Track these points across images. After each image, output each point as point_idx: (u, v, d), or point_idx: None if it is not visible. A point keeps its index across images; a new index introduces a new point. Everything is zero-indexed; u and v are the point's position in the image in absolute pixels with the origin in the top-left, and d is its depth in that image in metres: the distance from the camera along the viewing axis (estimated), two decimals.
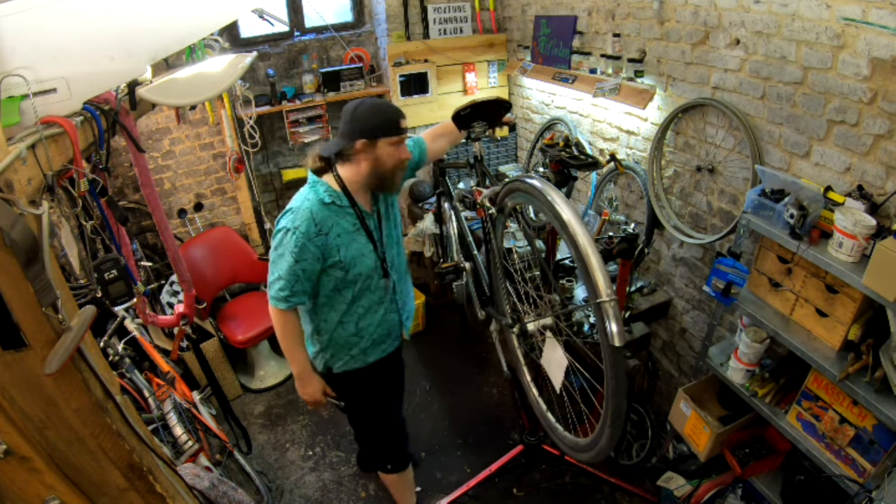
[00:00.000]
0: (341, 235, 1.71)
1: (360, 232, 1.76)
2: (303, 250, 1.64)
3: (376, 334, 1.92)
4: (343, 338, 1.88)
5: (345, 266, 1.73)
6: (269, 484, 2.78)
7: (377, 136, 1.64)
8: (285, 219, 1.67)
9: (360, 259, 1.76)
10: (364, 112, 1.64)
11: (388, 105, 1.72)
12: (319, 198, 1.68)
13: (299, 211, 1.66)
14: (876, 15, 1.52)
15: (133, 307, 2.45)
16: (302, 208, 1.66)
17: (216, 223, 3.82)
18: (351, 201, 1.73)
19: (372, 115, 1.64)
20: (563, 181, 2.07)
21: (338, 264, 1.72)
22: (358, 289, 1.80)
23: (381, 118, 1.65)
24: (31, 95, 1.06)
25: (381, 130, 1.65)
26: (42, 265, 0.87)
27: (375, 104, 1.68)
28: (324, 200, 1.68)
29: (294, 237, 1.63)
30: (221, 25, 1.63)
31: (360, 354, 1.93)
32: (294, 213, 1.66)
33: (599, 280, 1.21)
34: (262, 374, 3.57)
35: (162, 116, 3.39)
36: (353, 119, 1.65)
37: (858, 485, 1.62)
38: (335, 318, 1.83)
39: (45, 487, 1.01)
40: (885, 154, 1.60)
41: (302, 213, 1.65)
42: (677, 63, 2.30)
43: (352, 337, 1.88)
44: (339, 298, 1.80)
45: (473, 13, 3.57)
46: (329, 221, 1.69)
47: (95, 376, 1.02)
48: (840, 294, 1.64)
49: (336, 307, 1.82)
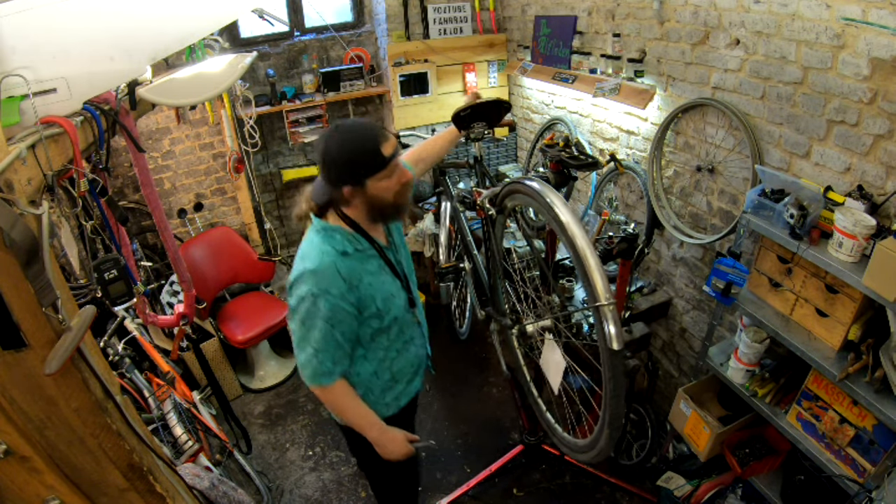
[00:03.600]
0: (372, 283, 1.49)
1: (385, 270, 1.55)
2: (337, 312, 1.41)
3: (408, 374, 1.72)
4: (378, 388, 1.66)
5: (381, 313, 1.52)
6: (269, 484, 2.78)
7: (362, 178, 1.38)
8: (306, 283, 1.40)
9: (392, 300, 1.55)
10: (337, 154, 1.36)
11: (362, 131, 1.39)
12: (340, 250, 1.44)
13: (323, 272, 1.39)
14: (876, 15, 1.52)
15: (133, 307, 2.46)
16: (324, 266, 1.40)
17: (216, 223, 3.82)
18: (369, 240, 1.51)
19: (348, 155, 1.36)
20: (563, 181, 2.07)
21: (375, 314, 1.51)
22: (393, 332, 1.61)
23: (358, 155, 1.36)
24: (31, 95, 1.06)
25: (363, 170, 1.37)
26: (42, 265, 0.87)
27: (346, 139, 1.36)
28: (346, 251, 1.45)
29: (325, 302, 1.38)
30: (221, 25, 1.63)
31: (394, 400, 1.72)
32: (317, 275, 1.39)
33: (598, 283, 1.21)
34: (262, 374, 3.57)
35: (162, 116, 3.39)
36: (329, 165, 1.38)
37: (858, 485, 1.62)
38: (370, 368, 1.62)
39: (45, 487, 1.01)
40: (885, 154, 1.60)
41: (327, 272, 1.39)
42: (677, 63, 2.30)
43: (387, 384, 1.67)
44: (375, 346, 1.59)
45: (473, 13, 3.57)
46: (356, 271, 1.45)
47: (95, 376, 1.02)
48: (840, 294, 1.64)
49: (371, 357, 1.60)
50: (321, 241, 1.44)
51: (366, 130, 1.39)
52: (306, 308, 1.40)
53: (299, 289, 1.41)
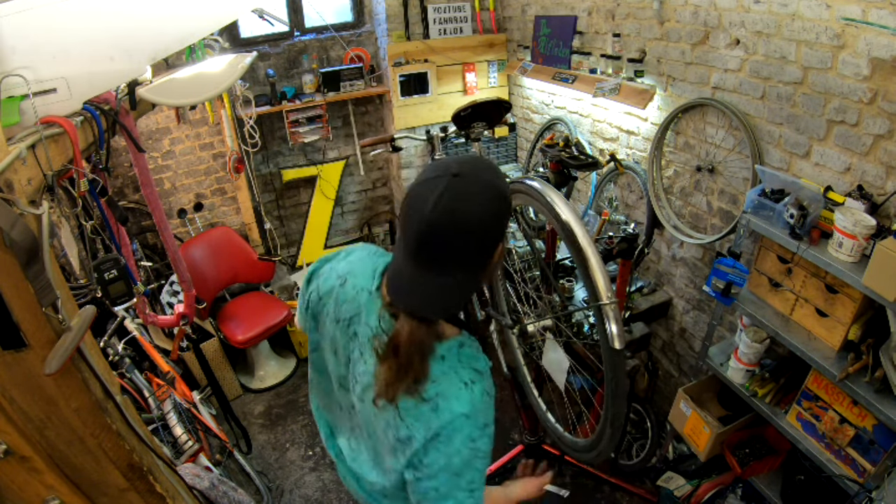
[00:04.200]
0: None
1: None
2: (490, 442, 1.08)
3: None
4: None
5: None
6: (269, 484, 2.78)
7: (506, 224, 0.96)
8: (461, 431, 0.98)
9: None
10: (489, 203, 0.87)
11: (484, 161, 0.94)
12: (485, 369, 1.08)
13: (479, 409, 1.01)
14: (876, 15, 1.52)
15: (133, 307, 2.45)
16: (484, 401, 1.03)
17: (216, 223, 3.82)
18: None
19: (500, 204, 0.89)
20: (562, 181, 2.07)
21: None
22: None
23: (506, 192, 0.91)
24: (31, 95, 1.06)
25: (510, 209, 0.95)
26: (42, 265, 0.87)
27: (482, 180, 0.87)
28: (489, 366, 1.11)
29: (486, 440, 1.06)
30: (221, 25, 1.62)
31: None
32: (473, 417, 0.99)
33: (600, 282, 1.21)
34: (262, 374, 3.57)
35: (162, 116, 3.39)
36: (476, 228, 0.86)
37: (858, 485, 1.62)
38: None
39: (45, 487, 1.01)
40: (885, 154, 1.60)
41: (481, 406, 1.03)
42: (677, 63, 2.30)
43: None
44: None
45: (473, 13, 3.57)
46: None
47: (95, 376, 1.02)
48: (840, 294, 1.64)
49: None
50: (473, 374, 1.00)
51: (483, 159, 0.96)
52: (465, 459, 1.01)
53: (451, 444, 0.98)
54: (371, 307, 1.00)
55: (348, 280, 1.06)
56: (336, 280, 1.08)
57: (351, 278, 1.06)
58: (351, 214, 4.30)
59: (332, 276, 1.10)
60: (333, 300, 1.07)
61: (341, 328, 1.05)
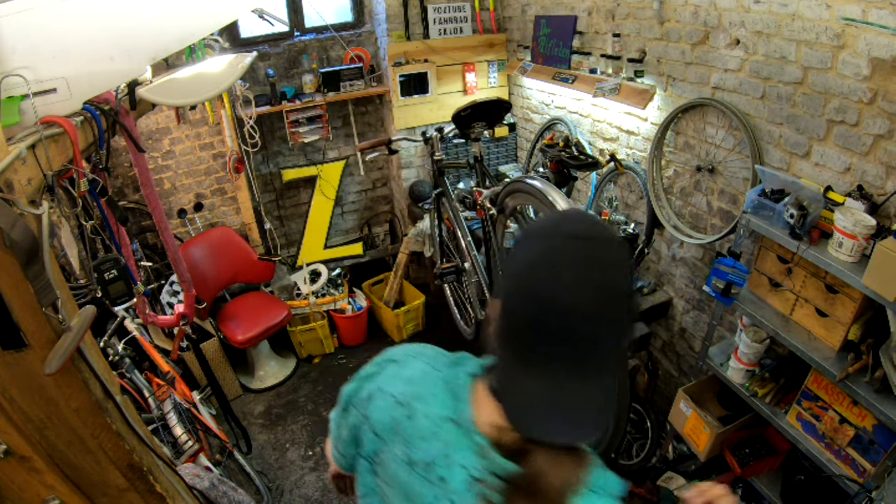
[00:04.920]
0: None
1: None
2: None
3: None
4: None
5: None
6: (269, 484, 2.78)
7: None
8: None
9: None
10: (621, 245, 0.72)
11: (575, 209, 0.88)
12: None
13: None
14: (876, 15, 1.52)
15: (133, 307, 2.45)
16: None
17: (216, 223, 3.82)
18: None
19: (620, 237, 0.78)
20: (563, 181, 2.07)
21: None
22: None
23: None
24: (31, 95, 1.06)
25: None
26: (42, 265, 0.87)
27: (592, 223, 0.70)
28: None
29: None
30: (221, 25, 1.62)
31: None
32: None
33: None
34: (262, 374, 3.57)
35: (162, 116, 3.39)
36: (625, 304, 0.66)
37: (858, 485, 1.62)
38: None
39: (45, 487, 1.01)
40: (885, 154, 1.60)
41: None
42: (677, 63, 2.30)
43: None
44: None
45: (473, 13, 3.57)
46: None
47: (95, 376, 1.02)
48: (840, 294, 1.64)
49: None
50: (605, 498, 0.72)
51: (575, 209, 0.83)
52: None
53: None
54: (463, 442, 0.73)
55: (416, 407, 0.77)
56: (396, 409, 0.79)
57: (419, 404, 0.78)
58: (351, 214, 4.30)
59: (388, 402, 0.80)
60: (401, 439, 0.77)
61: (418, 474, 0.75)
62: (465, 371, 0.79)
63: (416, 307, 3.88)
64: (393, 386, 0.82)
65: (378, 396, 0.82)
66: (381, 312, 3.93)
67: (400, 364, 0.86)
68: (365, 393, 0.84)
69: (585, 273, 0.62)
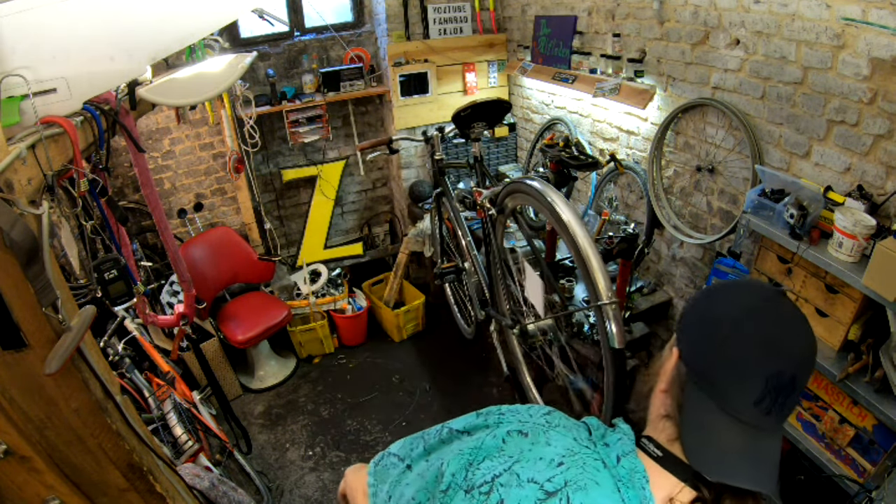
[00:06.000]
0: None
1: None
2: None
3: None
4: None
5: None
6: (269, 484, 2.78)
7: None
8: None
9: None
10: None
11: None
12: None
13: None
14: (876, 15, 1.52)
15: (133, 307, 2.45)
16: None
17: (216, 223, 3.82)
18: None
19: None
20: (562, 181, 2.07)
21: None
22: None
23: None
24: (31, 95, 1.06)
25: None
26: (42, 265, 0.87)
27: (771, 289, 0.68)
28: None
29: None
30: (221, 25, 1.62)
31: None
32: None
33: (600, 282, 1.21)
34: (262, 374, 3.57)
35: (162, 116, 3.39)
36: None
37: (858, 485, 1.62)
38: None
39: (45, 487, 1.01)
40: (885, 154, 1.60)
41: None
42: (677, 63, 2.30)
43: None
44: None
45: (473, 13, 3.57)
46: None
47: (95, 376, 1.02)
48: (840, 294, 1.64)
49: None
50: None
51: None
52: None
53: None
54: None
55: (570, 499, 0.61)
56: (542, 501, 0.61)
57: (579, 496, 0.61)
58: (351, 214, 4.30)
59: (531, 493, 0.62)
60: None
61: None
62: (626, 449, 0.67)
63: (416, 307, 3.88)
64: (533, 469, 0.63)
65: (512, 483, 0.63)
66: (381, 312, 3.93)
67: (533, 438, 0.68)
68: (483, 474, 0.65)
69: (804, 333, 0.63)
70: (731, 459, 0.61)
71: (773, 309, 0.63)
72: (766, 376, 0.59)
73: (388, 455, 0.80)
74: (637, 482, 0.63)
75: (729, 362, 0.62)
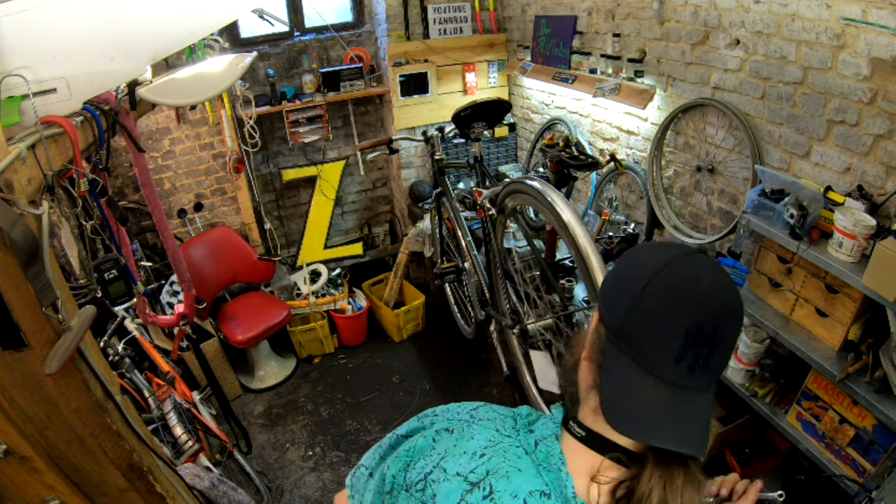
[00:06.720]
0: None
1: None
2: None
3: None
4: None
5: None
6: (269, 484, 2.78)
7: None
8: None
9: None
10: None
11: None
12: None
13: None
14: (876, 15, 1.52)
15: (133, 307, 2.45)
16: None
17: (216, 223, 3.82)
18: None
19: None
20: (562, 181, 2.07)
21: None
22: None
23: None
24: (31, 95, 1.06)
25: None
26: (42, 265, 0.87)
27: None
28: None
29: None
30: (221, 25, 1.62)
31: None
32: None
33: (600, 282, 1.21)
34: (262, 374, 3.57)
35: (162, 116, 3.39)
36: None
37: (858, 485, 1.62)
38: None
39: (45, 487, 1.01)
40: (885, 154, 1.60)
41: None
42: (677, 63, 2.30)
43: None
44: None
45: (473, 13, 3.57)
46: None
47: (95, 376, 1.02)
48: (840, 294, 1.64)
49: None
50: None
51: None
52: None
53: None
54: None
55: (498, 487, 0.63)
56: (473, 494, 0.63)
57: (501, 483, 0.63)
58: (351, 214, 4.30)
59: (457, 486, 0.65)
60: None
61: None
62: (546, 432, 0.68)
63: (416, 307, 3.88)
64: (458, 464, 0.66)
65: (441, 478, 0.66)
66: (381, 312, 3.93)
67: (458, 434, 0.71)
68: (418, 473, 0.69)
69: (723, 282, 0.60)
70: (654, 420, 0.58)
71: (690, 262, 0.60)
72: (685, 329, 0.57)
73: (360, 467, 0.82)
74: (554, 465, 0.63)
75: (645, 315, 0.59)
